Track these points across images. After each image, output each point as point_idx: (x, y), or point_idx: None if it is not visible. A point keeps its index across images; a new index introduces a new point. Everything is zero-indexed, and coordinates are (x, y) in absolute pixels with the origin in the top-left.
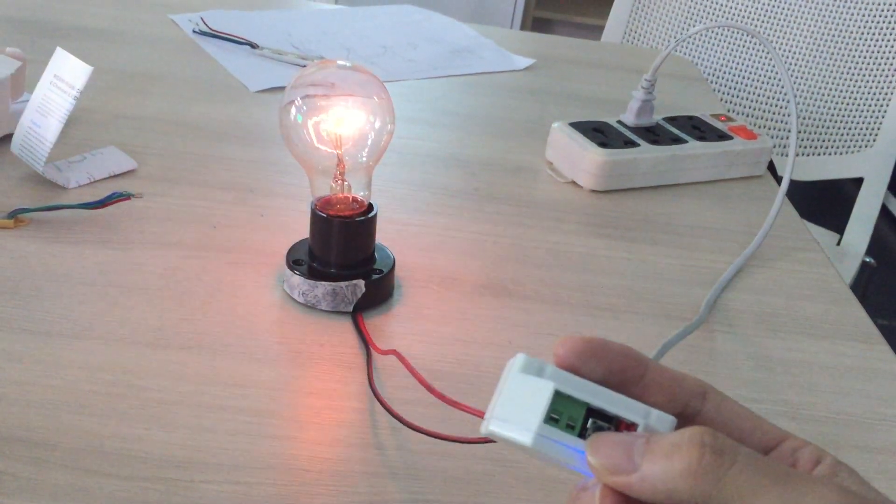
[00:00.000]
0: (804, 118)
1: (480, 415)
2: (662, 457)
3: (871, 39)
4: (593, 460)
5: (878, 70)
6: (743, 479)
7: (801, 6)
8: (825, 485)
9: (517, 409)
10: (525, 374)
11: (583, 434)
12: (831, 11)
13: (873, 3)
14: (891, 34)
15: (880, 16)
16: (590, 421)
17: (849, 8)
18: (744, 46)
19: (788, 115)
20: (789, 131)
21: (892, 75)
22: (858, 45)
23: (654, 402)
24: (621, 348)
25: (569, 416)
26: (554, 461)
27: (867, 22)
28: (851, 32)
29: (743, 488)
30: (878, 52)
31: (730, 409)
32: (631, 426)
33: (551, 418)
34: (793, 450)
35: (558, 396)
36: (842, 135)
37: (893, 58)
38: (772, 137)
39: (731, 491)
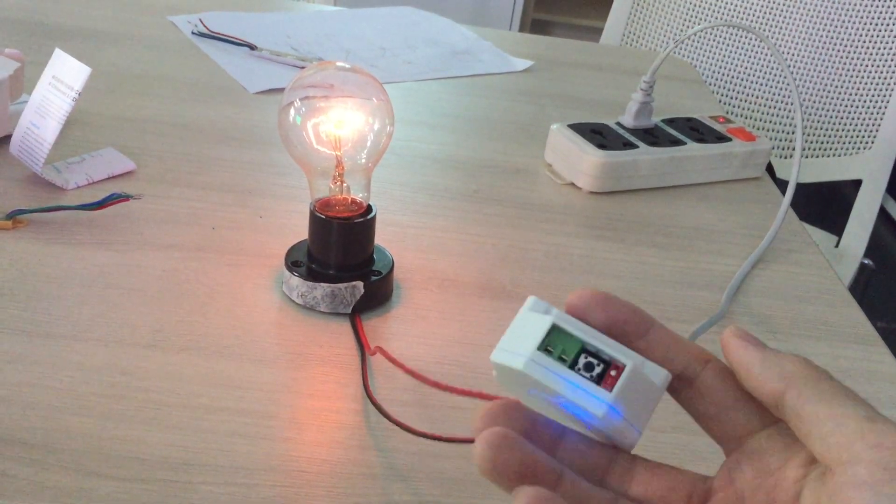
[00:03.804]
0: (803, 120)
1: (466, 393)
2: None
3: (870, 41)
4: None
5: (876, 72)
6: None
7: (798, 9)
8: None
9: (518, 341)
10: (532, 312)
11: (573, 367)
12: (829, 14)
13: (871, 6)
14: (889, 36)
15: (878, 18)
16: (581, 356)
17: (847, 10)
18: (742, 48)
19: (787, 117)
20: (788, 133)
21: (891, 77)
22: (857, 47)
23: (654, 359)
24: (628, 304)
25: (562, 349)
26: (546, 399)
27: (865, 24)
28: (850, 34)
29: None
30: (877, 53)
31: (733, 380)
32: (621, 368)
33: (546, 350)
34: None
35: (555, 331)
36: (840, 137)
37: (892, 60)
38: (770, 139)
39: None
